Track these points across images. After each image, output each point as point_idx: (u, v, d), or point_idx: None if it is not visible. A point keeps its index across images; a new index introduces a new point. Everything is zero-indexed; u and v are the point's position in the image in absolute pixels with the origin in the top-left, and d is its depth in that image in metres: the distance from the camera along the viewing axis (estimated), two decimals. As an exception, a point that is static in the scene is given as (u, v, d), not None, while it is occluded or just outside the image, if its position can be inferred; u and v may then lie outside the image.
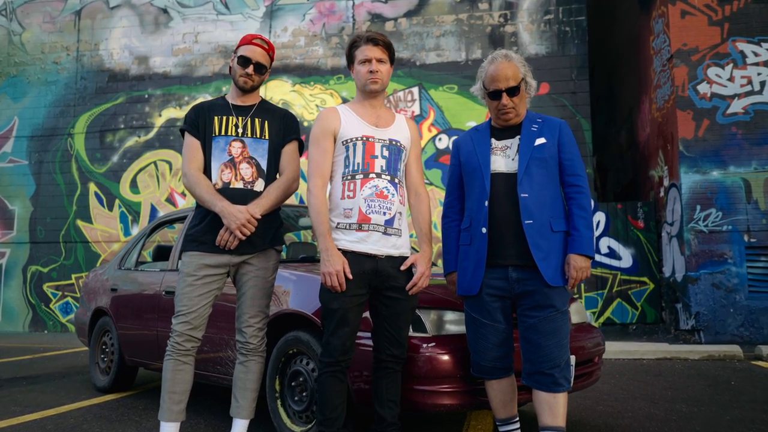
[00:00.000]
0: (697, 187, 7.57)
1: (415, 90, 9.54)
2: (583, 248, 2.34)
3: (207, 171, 2.66)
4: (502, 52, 2.51)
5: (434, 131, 9.33)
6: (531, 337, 2.33)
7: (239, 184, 2.63)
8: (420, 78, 9.55)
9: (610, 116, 11.77)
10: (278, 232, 2.74)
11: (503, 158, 2.47)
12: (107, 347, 4.60)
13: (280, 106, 2.98)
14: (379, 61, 2.47)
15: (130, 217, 10.30)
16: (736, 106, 7.60)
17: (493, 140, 2.53)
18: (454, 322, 2.71)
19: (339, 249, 2.36)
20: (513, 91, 2.44)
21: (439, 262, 4.06)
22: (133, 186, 10.32)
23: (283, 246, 2.81)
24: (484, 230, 2.39)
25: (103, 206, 10.43)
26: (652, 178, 8.91)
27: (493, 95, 2.47)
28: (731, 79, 7.67)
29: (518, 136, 2.49)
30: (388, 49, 2.50)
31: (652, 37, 8.78)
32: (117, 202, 10.36)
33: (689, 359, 6.18)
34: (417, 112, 9.44)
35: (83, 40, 11.02)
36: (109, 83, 10.76)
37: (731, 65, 7.69)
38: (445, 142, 9.30)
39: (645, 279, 8.50)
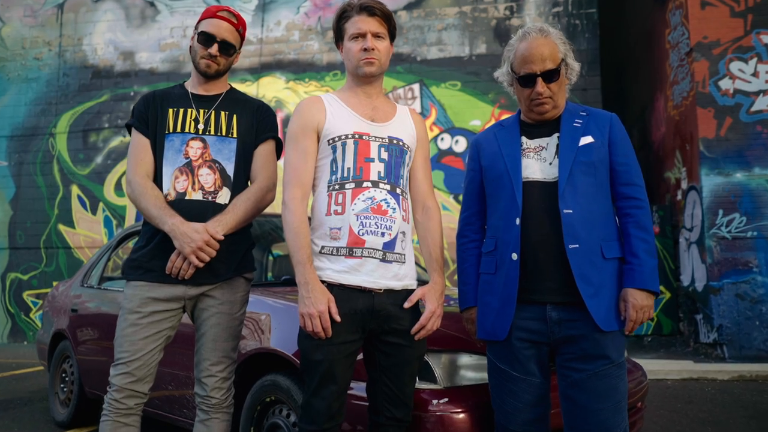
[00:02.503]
0: (719, 190, 7.10)
1: (416, 87, 9.01)
2: (644, 281, 1.78)
3: (157, 178, 2.09)
4: (536, 25, 1.95)
5: (436, 130, 8.79)
6: (577, 397, 1.77)
7: (197, 195, 2.06)
8: (421, 74, 9.02)
9: (620, 115, 11.22)
10: (247, 256, 2.17)
11: (538, 162, 1.91)
12: (67, 376, 4.04)
13: (272, 104, 2.39)
14: (376, 36, 1.91)
15: (114, 222, 9.76)
16: (761, 103, 7.15)
17: (523, 139, 1.97)
18: (472, 368, 2.15)
19: (323, 282, 1.80)
20: (550, 76, 1.89)
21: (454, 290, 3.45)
22: (118, 189, 9.77)
23: (254, 272, 2.23)
24: (514, 256, 1.83)
25: (86, 210, 9.89)
26: (667, 180, 8.40)
27: (525, 81, 1.91)
28: (755, 74, 7.22)
29: (557, 134, 1.93)
30: (388, 21, 1.94)
31: (668, 30, 8.26)
32: (101, 205, 9.82)
33: (717, 380, 5.64)
34: (418, 110, 8.89)
35: (66, 35, 10.48)
36: (92, 80, 10.24)
37: (755, 59, 7.23)
38: (447, 142, 8.76)
39: (661, 288, 7.95)
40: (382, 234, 1.82)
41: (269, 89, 9.49)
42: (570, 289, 1.78)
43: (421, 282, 2.19)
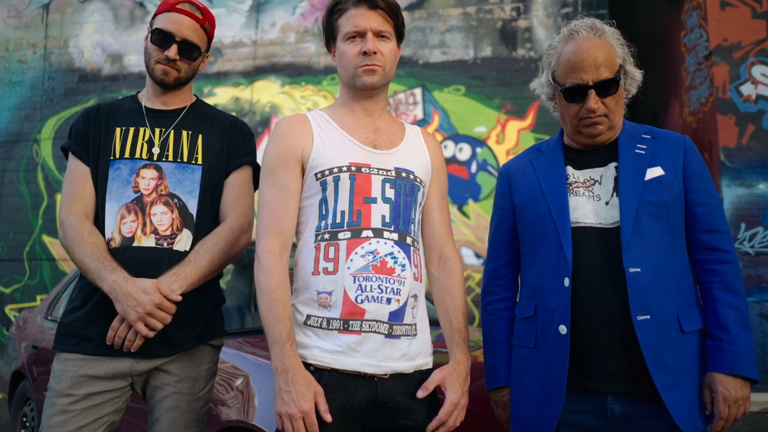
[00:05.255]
0: (741, 202, 6.73)
1: (418, 92, 8.59)
2: (738, 365, 1.34)
3: (99, 218, 1.64)
4: (586, 22, 1.51)
5: (439, 138, 8.36)
6: None
7: (149, 241, 1.60)
8: (423, 78, 8.60)
9: (630, 121, 10.85)
10: (214, 318, 1.71)
11: (590, 202, 1.46)
12: (28, 421, 3.58)
13: (267, 110, 1.92)
14: (379, 35, 1.46)
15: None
16: (786, 110, 6.74)
17: (569, 169, 1.52)
18: (499, 458, 1.69)
19: (308, 365, 1.35)
20: (606, 87, 1.44)
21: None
22: (105, 197, 9.33)
23: (224, 338, 1.77)
24: (563, 329, 1.38)
25: (72, 220, 9.44)
26: (684, 190, 7.99)
27: (573, 94, 1.46)
28: (780, 79, 6.80)
29: (613, 164, 1.48)
30: (394, 16, 1.49)
31: (684, 33, 7.87)
32: (87, 215, 9.37)
33: (749, 412, 5.19)
34: (420, 116, 8.47)
35: (51, 37, 10.08)
36: (79, 84, 9.84)
37: (779, 63, 6.82)
38: (451, 149, 8.32)
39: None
40: (388, 300, 1.36)
41: (264, 94, 9.10)
42: (639, 374, 1.33)
43: (434, 323, 1.73)
